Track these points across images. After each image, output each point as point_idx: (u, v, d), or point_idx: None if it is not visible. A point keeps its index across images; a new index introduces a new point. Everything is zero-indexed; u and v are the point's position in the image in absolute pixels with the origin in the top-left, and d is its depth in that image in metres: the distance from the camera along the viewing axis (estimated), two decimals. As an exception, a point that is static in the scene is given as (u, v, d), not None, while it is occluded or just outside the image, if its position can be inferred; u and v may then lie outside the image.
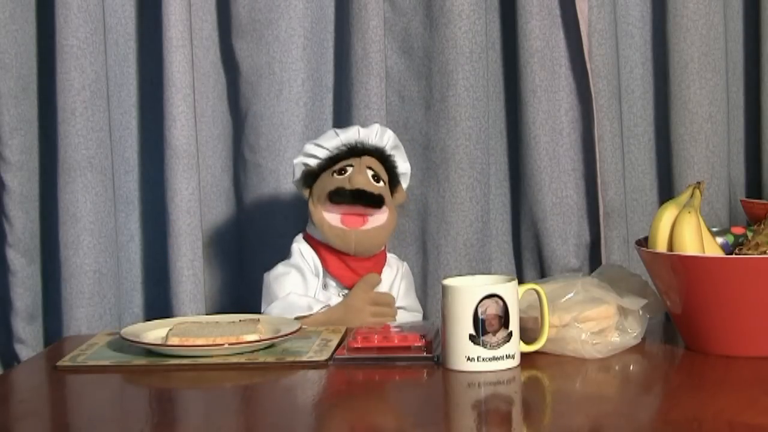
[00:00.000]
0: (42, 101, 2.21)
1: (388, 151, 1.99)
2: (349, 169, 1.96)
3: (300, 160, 2.00)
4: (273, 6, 2.20)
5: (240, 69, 2.23)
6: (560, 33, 2.15)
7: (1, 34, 2.15)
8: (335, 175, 1.96)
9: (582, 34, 2.12)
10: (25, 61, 2.19)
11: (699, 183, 1.79)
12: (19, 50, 2.18)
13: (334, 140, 1.98)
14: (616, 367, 1.69)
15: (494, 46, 2.22)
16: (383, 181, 1.98)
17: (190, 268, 2.12)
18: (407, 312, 2.02)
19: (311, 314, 1.94)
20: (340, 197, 1.94)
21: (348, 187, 1.94)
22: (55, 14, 2.12)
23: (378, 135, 1.99)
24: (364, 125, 2.12)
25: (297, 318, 1.91)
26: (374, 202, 1.95)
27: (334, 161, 1.97)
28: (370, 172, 1.97)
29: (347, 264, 1.97)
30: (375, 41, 2.14)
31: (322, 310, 1.95)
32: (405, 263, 2.06)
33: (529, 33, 2.14)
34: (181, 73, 2.10)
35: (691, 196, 1.77)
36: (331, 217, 1.95)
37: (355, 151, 1.97)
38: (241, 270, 2.28)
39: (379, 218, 1.96)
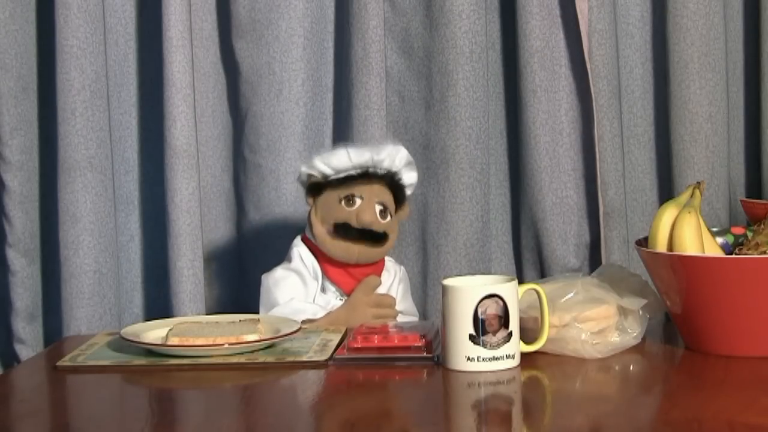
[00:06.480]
0: (42, 101, 2.21)
1: (400, 173, 1.96)
2: (358, 201, 1.93)
3: (306, 170, 1.97)
4: (273, 6, 2.20)
5: (240, 69, 2.23)
6: (560, 33, 2.15)
7: (1, 34, 2.15)
8: (343, 203, 1.94)
9: (582, 34, 2.12)
10: (25, 61, 2.19)
11: (699, 183, 1.79)
12: (19, 50, 2.18)
13: (345, 162, 1.93)
14: (616, 367, 1.69)
15: (494, 46, 2.22)
16: (390, 213, 1.96)
17: (190, 268, 2.12)
18: (404, 316, 2.01)
19: (314, 320, 1.94)
20: (345, 233, 1.93)
21: (355, 225, 1.92)
22: (55, 14, 2.12)
23: (390, 158, 1.95)
24: (364, 125, 2.12)
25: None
26: (379, 239, 1.94)
27: (343, 180, 1.94)
28: (378, 208, 1.94)
29: (347, 271, 1.96)
30: (375, 41, 2.14)
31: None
32: (402, 267, 2.05)
33: (529, 33, 2.14)
34: (181, 73, 2.10)
35: (691, 196, 1.77)
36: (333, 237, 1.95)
37: (366, 176, 1.94)
38: (241, 270, 2.28)
39: None
